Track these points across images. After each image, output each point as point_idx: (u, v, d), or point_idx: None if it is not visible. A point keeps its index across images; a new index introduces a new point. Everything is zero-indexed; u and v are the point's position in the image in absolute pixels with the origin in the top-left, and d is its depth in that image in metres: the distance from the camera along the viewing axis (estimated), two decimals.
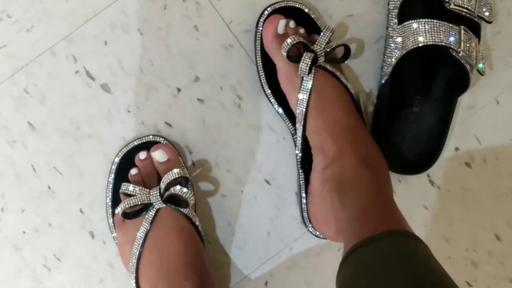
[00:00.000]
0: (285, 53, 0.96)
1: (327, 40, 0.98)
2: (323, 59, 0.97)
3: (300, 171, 1.03)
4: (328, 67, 0.98)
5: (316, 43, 0.98)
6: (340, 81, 0.99)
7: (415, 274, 0.72)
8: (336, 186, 0.93)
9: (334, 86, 0.98)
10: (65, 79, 1.03)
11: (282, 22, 0.99)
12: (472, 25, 1.00)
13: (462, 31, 0.97)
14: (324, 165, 0.96)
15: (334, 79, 0.99)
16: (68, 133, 1.03)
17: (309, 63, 0.95)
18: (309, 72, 0.96)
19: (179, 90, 1.04)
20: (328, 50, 0.98)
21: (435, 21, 0.97)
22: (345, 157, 0.93)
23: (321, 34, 0.99)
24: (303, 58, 0.95)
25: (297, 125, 1.00)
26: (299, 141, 1.00)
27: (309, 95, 0.96)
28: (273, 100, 1.04)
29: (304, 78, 0.97)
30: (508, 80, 1.09)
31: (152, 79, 1.04)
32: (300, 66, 0.96)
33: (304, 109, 0.97)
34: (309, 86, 0.96)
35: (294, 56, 0.96)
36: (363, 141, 0.96)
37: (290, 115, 1.03)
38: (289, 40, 0.96)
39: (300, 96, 0.97)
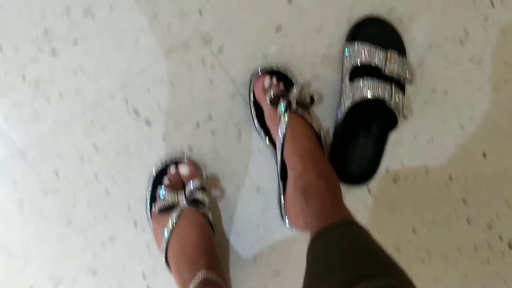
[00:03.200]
0: (269, 101, 1.02)
1: (298, 92, 1.01)
2: (295, 105, 1.01)
3: (280, 182, 1.06)
4: (299, 111, 1.01)
5: (290, 93, 1.02)
6: (307, 121, 1.02)
7: (361, 247, 0.78)
8: (303, 192, 0.95)
9: (302, 124, 1.01)
10: (120, 116, 1.07)
11: (267, 79, 1.05)
12: (399, 84, 1.05)
13: (393, 88, 1.02)
14: (295, 178, 0.98)
15: (302, 119, 1.02)
16: (121, 153, 1.07)
17: (284, 107, 0.99)
18: (285, 113, 0.99)
19: (198, 125, 1.08)
20: (299, 99, 1.01)
21: (375, 80, 1.02)
22: (309, 173, 0.96)
23: (294, 87, 1.02)
24: (279, 104, 1.00)
25: (277, 151, 1.03)
26: (278, 161, 1.04)
27: (285, 130, 0.99)
28: (262, 133, 1.08)
29: (282, 118, 1.00)
30: (423, 124, 1.14)
31: (180, 117, 1.08)
32: (278, 109, 1.00)
33: (281, 140, 1.00)
34: (285, 124, 0.99)
35: (275, 103, 1.01)
36: (321, 161, 0.99)
37: (273, 143, 1.06)
38: (271, 92, 1.01)
39: (279, 130, 1.01)
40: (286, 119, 1.00)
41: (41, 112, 1.06)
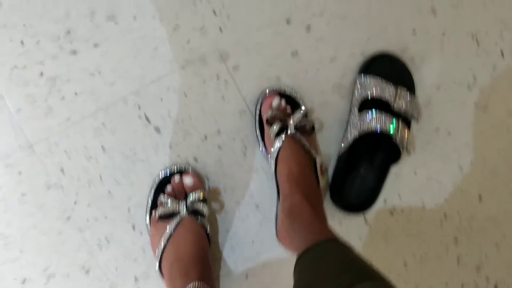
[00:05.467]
0: (265, 121, 1.01)
1: (299, 117, 1.01)
2: (293, 129, 0.99)
3: (277, 201, 1.03)
4: (297, 135, 1.00)
5: (291, 117, 1.01)
6: (304, 146, 1.01)
7: (346, 260, 0.78)
8: (288, 213, 0.96)
9: (296, 148, 1.00)
10: (131, 120, 1.05)
11: (276, 99, 1.03)
12: (406, 120, 1.04)
13: (400, 124, 1.01)
14: (282, 200, 0.99)
15: (298, 144, 1.00)
16: (127, 156, 1.05)
17: (276, 130, 0.99)
18: (277, 136, 0.99)
19: (206, 137, 1.06)
20: (299, 124, 1.01)
21: (383, 114, 1.01)
22: (293, 195, 0.96)
23: (296, 112, 1.02)
24: (273, 125, 1.00)
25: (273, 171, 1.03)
26: (276, 181, 1.02)
27: (277, 153, 1.00)
28: (265, 152, 1.06)
29: (275, 140, 1.00)
30: (424, 161, 1.12)
31: (189, 127, 1.06)
32: (270, 130, 1.00)
33: (272, 162, 1.01)
34: (277, 145, 0.99)
35: (271, 123, 1.00)
36: (306, 185, 0.98)
37: None
38: (270, 112, 1.01)
39: (272, 150, 1.01)
40: (278, 143, 1.00)
41: (54, 108, 1.03)
